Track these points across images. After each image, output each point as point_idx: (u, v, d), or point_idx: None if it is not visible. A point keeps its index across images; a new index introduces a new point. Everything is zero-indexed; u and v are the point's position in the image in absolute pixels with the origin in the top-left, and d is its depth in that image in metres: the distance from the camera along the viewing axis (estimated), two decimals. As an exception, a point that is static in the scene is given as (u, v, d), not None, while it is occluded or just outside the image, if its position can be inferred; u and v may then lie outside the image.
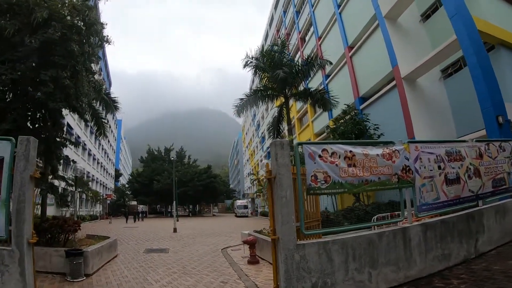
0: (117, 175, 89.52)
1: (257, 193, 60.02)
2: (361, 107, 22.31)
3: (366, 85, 22.59)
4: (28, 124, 10.57)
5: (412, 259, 6.85)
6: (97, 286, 8.38)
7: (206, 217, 66.19)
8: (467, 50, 14.08)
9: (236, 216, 62.13)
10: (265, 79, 21.29)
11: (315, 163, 6.53)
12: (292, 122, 32.05)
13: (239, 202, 67.20)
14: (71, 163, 13.48)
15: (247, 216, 59.78)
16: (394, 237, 6.80)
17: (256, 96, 21.02)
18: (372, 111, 20.55)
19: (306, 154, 6.57)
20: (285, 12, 46.00)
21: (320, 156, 6.59)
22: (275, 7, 51.31)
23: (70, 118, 38.65)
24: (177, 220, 32.33)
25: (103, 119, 20.26)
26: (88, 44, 11.48)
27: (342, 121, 18.11)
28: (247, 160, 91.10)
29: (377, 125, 17.46)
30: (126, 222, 39.33)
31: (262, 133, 64.01)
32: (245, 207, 64.32)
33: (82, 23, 10.94)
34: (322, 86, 28.46)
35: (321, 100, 20.17)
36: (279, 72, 18.21)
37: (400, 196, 7.42)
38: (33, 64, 9.92)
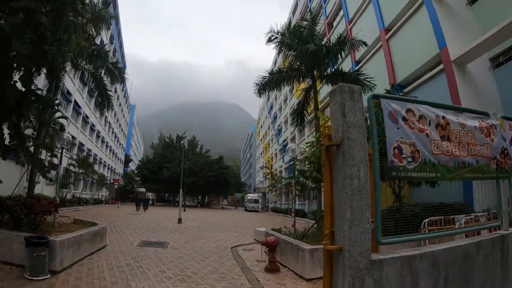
0: (127, 160, 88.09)
1: (270, 188, 57.76)
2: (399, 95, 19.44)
3: (405, 70, 19.90)
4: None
5: (509, 278, 5.01)
6: (58, 292, 5.99)
7: (215, 209, 63.97)
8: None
9: (246, 210, 60.13)
10: (290, 58, 18.74)
11: (398, 128, 4.23)
12: (305, 121, 29.37)
13: (250, 196, 64.80)
14: (66, 137, 10.70)
15: (257, 211, 57.67)
16: (493, 248, 4.93)
17: (280, 76, 18.50)
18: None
19: (385, 114, 4.20)
20: (311, -4, 43.28)
21: (404, 119, 4.31)
22: (300, -8, 48.53)
23: (78, 95, 36.78)
24: (184, 210, 30.08)
25: (108, 91, 18.15)
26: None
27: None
28: (261, 154, 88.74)
29: None
30: (137, 210, 36.83)
31: (279, 125, 61.62)
32: (256, 201, 61.93)
33: None
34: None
35: (355, 82, 17.45)
36: (310, 46, 15.67)
37: (497, 191, 5.49)
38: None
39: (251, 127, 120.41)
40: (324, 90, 29.86)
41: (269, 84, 18.50)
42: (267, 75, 18.70)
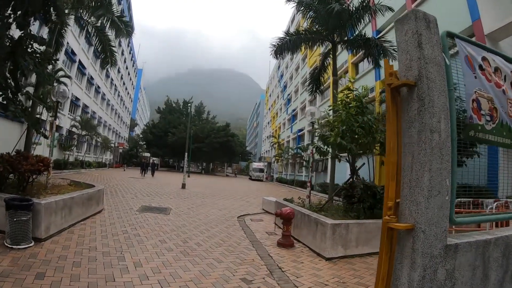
0: (132, 124, 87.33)
1: (276, 157, 56.92)
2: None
3: None
4: None
5: None
6: (38, 263, 5.05)
7: (219, 176, 63.46)
8: None
9: (251, 179, 59.51)
10: (309, 20, 17.28)
11: (475, 77, 3.38)
12: (327, 82, 27.95)
13: (255, 165, 63.94)
14: (62, 90, 9.56)
15: (261, 180, 56.99)
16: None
17: (298, 38, 17.09)
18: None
19: (462, 57, 3.36)
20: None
21: (481, 67, 3.46)
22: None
23: (83, 55, 35.50)
24: (188, 176, 29.26)
25: (113, 46, 16.95)
26: None
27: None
28: (268, 123, 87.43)
29: (455, 84, 13.17)
30: (142, 175, 34.99)
31: (289, 95, 59.97)
32: (261, 170, 61.15)
33: None
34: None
35: (379, 49, 16.10)
36: (335, 5, 14.32)
37: None
38: None
39: (259, 97, 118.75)
40: (340, 58, 28.18)
41: (286, 46, 17.11)
42: (285, 36, 17.27)
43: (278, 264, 6.23)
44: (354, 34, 17.07)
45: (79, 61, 34.65)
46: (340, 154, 10.84)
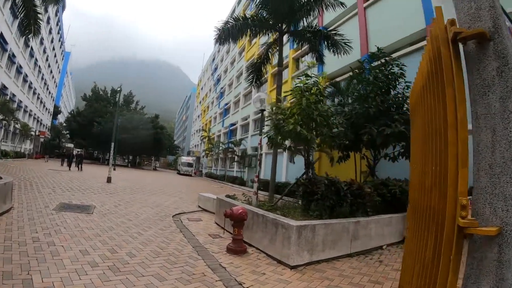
0: (56, 112, 79.05)
1: (206, 152, 55.35)
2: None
3: (381, 42, 18.23)
4: None
5: None
6: None
7: (147, 170, 59.89)
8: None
9: (179, 173, 57.52)
10: (257, 7, 16.14)
11: None
12: (266, 76, 27.09)
13: (184, 159, 61.59)
14: None
15: (190, 175, 55.29)
16: None
17: (244, 23, 15.83)
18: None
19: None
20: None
21: None
22: None
23: (5, 27, 30.79)
24: (114, 169, 26.70)
25: (39, 13, 14.44)
26: None
27: (368, 66, 13.29)
28: (198, 116, 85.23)
29: (409, 82, 12.98)
30: (69, 168, 29.48)
31: (222, 88, 58.51)
32: (190, 165, 59.17)
33: None
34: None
35: (331, 42, 15.54)
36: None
37: None
38: None
39: (189, 90, 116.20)
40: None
41: (231, 31, 15.78)
42: (231, 20, 15.94)
43: (235, 278, 4.99)
44: (303, 26, 16.36)
45: (1, 34, 30.02)
46: (295, 146, 9.89)
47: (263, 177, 30.87)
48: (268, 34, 16.99)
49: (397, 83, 11.94)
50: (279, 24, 15.70)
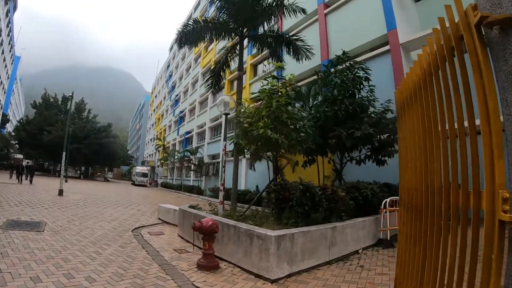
0: (4, 120, 73.48)
1: (161, 161, 53.81)
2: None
3: (341, 47, 18.43)
4: None
5: None
6: None
7: (99, 181, 56.95)
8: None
9: (134, 184, 55.61)
10: (219, 10, 15.70)
11: None
12: (223, 82, 26.47)
13: (138, 169, 59.53)
14: None
15: (145, 186, 53.68)
16: None
17: (206, 26, 15.28)
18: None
19: None
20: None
21: None
22: None
23: None
24: (66, 181, 24.95)
25: None
26: None
27: (333, 70, 13.14)
28: (152, 125, 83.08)
29: (373, 86, 13.01)
30: (19, 181, 26.87)
31: (177, 95, 57.32)
32: (145, 175, 57.36)
33: None
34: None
35: (293, 48, 15.41)
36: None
37: None
38: None
39: (142, 98, 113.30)
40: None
41: (192, 34, 15.21)
42: (192, 22, 15.38)
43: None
44: (264, 30, 16.14)
45: None
46: (262, 152, 9.44)
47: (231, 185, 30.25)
48: (228, 38, 16.55)
49: (362, 86, 11.95)
50: (240, 28, 15.40)
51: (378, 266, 6.36)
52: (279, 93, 8.51)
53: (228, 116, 9.97)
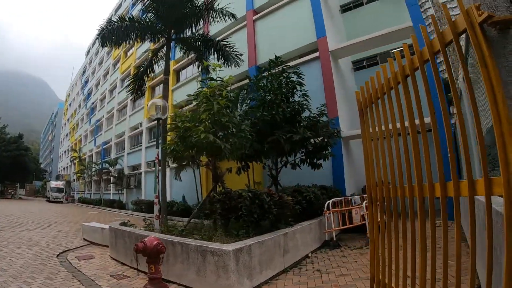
0: None
1: (77, 174, 50.04)
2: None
3: (270, 54, 18.52)
4: None
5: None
6: None
7: (11, 200, 51.00)
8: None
9: (49, 201, 50.59)
10: (148, 10, 14.83)
11: None
12: (144, 87, 25.19)
13: (53, 184, 54.14)
14: None
15: (62, 202, 49.24)
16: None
17: (132, 25, 14.29)
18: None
19: None
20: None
21: None
22: None
23: None
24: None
25: None
26: None
27: (267, 73, 12.97)
28: (66, 135, 76.69)
29: (306, 91, 13.07)
30: None
31: (93, 103, 53.61)
32: (60, 190, 52.31)
33: None
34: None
35: (223, 53, 15.23)
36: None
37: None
38: None
39: (56, 106, 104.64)
40: (161, 64, 26.67)
41: (117, 32, 14.15)
42: (116, 19, 14.35)
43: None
44: (192, 34, 15.63)
45: None
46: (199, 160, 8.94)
47: (145, 197, 29.01)
48: (154, 40, 15.76)
49: (295, 91, 12.01)
50: (168, 30, 14.75)
51: (334, 268, 6.30)
52: (219, 96, 8.08)
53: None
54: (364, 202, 9.51)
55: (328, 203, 8.87)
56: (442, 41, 2.79)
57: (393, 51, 17.26)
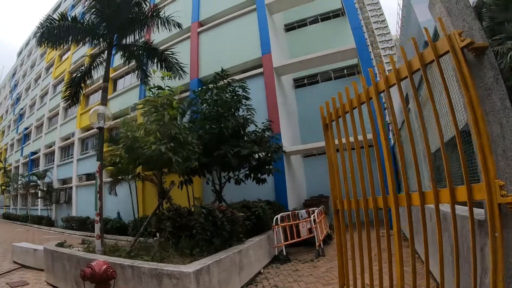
0: None
1: (2, 187, 45.82)
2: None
3: (212, 67, 18.37)
4: None
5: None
6: None
7: None
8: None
9: (-33, 218, 45.47)
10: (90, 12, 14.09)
11: None
12: (79, 96, 23.69)
13: (-29, 199, 49.44)
14: None
15: (-19, 219, 44.51)
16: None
17: (74, 25, 13.35)
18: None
19: None
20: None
21: None
22: None
23: None
24: None
25: None
26: None
27: (212, 86, 12.75)
28: (-11, 144, 70.36)
29: (250, 105, 13.09)
30: None
31: (22, 109, 49.29)
32: (-20, 206, 47.85)
33: None
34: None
35: (165, 63, 14.76)
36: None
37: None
38: None
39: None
40: (98, 72, 25.43)
41: (57, 31, 13.20)
42: (58, 18, 13.32)
43: None
44: (135, 41, 15.14)
45: None
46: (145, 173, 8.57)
47: (76, 214, 27.09)
48: (95, 44, 14.96)
49: (240, 104, 12.07)
50: (110, 34, 14.05)
51: (292, 283, 6.30)
52: (169, 106, 7.78)
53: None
54: (312, 216, 9.71)
55: (277, 218, 8.91)
56: (409, 69, 3.16)
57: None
